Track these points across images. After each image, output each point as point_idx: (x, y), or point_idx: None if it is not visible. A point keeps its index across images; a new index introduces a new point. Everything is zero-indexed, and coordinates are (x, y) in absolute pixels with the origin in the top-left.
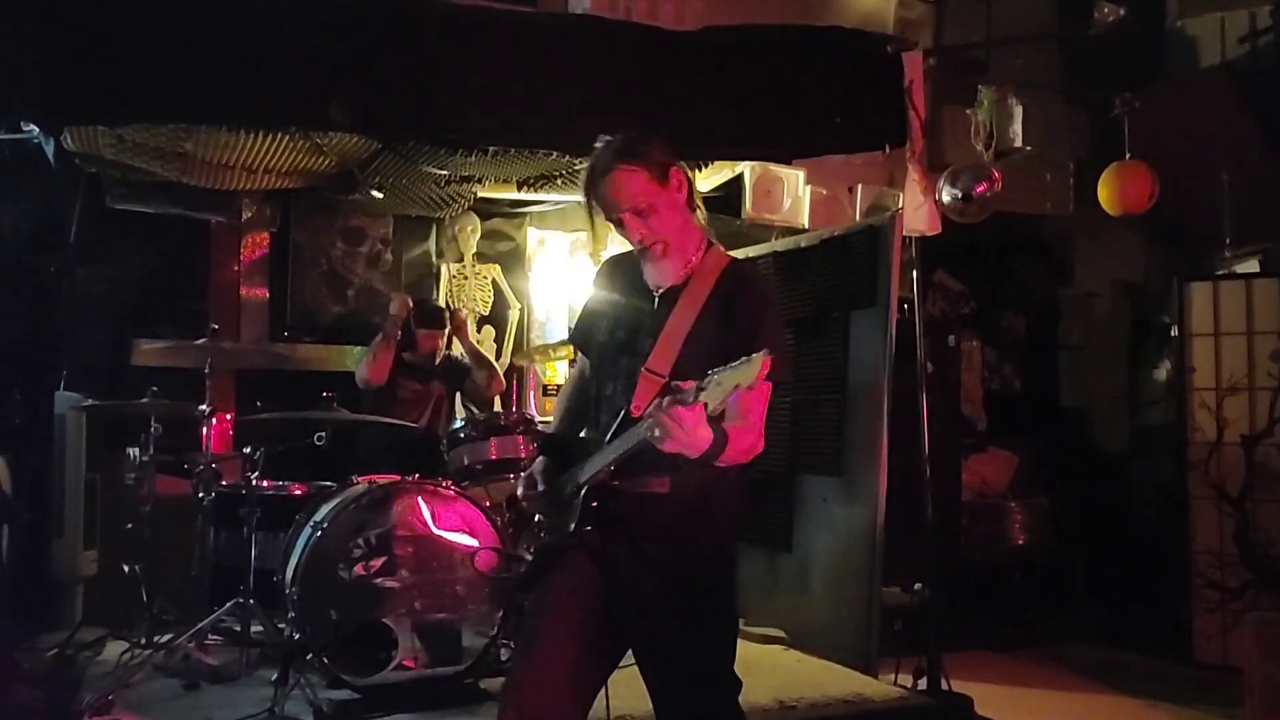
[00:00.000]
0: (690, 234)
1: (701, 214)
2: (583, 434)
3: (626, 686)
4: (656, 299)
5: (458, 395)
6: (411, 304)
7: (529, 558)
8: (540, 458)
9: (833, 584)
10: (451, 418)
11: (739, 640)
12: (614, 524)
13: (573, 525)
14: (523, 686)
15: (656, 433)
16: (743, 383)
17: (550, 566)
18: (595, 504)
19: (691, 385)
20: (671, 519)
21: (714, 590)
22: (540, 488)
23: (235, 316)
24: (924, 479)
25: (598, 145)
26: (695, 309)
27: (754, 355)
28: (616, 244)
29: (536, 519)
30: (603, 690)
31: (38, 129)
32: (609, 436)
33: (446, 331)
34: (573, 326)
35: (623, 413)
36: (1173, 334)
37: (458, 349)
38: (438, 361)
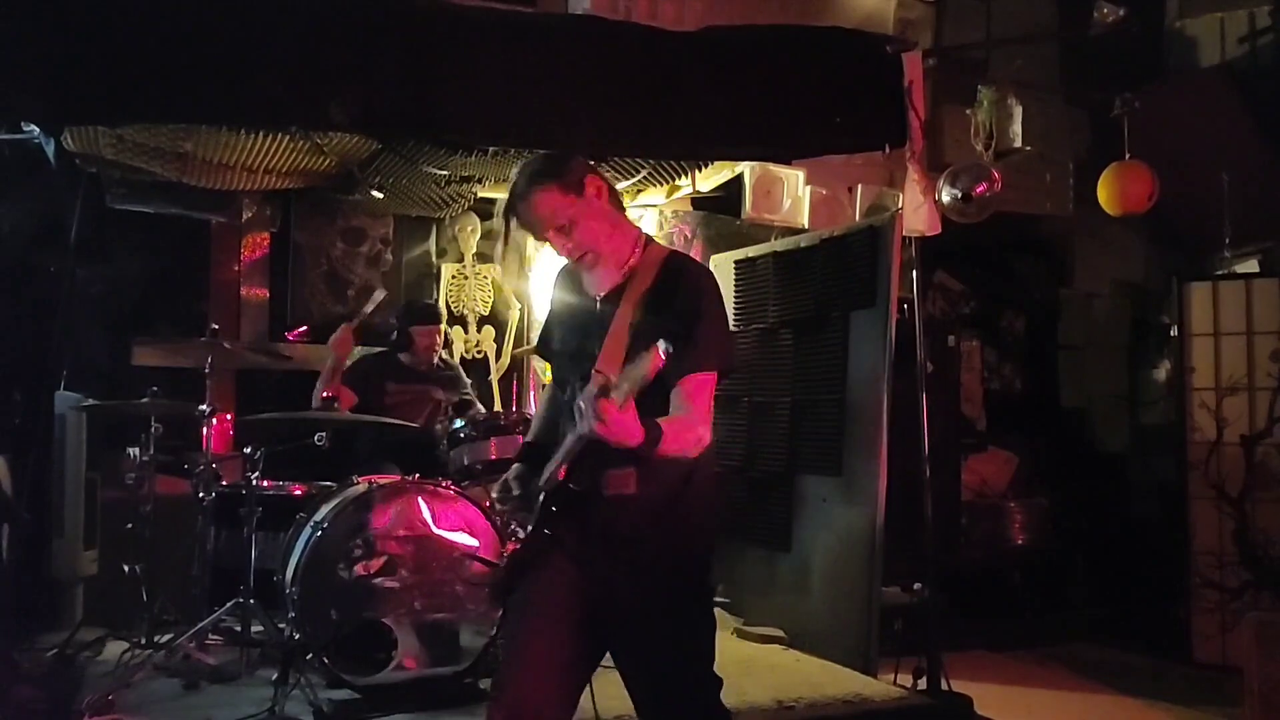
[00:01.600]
0: (622, 236)
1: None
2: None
3: (622, 685)
4: (599, 302)
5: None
6: (354, 337)
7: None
8: (516, 465)
9: (832, 584)
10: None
11: (740, 640)
12: (587, 529)
13: (530, 528)
14: (511, 685)
15: (587, 426)
16: (641, 374)
17: (529, 568)
18: (554, 508)
19: (607, 380)
20: (642, 522)
21: (689, 594)
22: (515, 493)
23: (235, 316)
24: (924, 479)
25: (514, 171)
26: (636, 305)
27: (648, 350)
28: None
29: (513, 526)
30: (588, 689)
31: (38, 129)
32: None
33: (443, 328)
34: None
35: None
36: (1173, 334)
37: (457, 351)
38: (435, 362)
